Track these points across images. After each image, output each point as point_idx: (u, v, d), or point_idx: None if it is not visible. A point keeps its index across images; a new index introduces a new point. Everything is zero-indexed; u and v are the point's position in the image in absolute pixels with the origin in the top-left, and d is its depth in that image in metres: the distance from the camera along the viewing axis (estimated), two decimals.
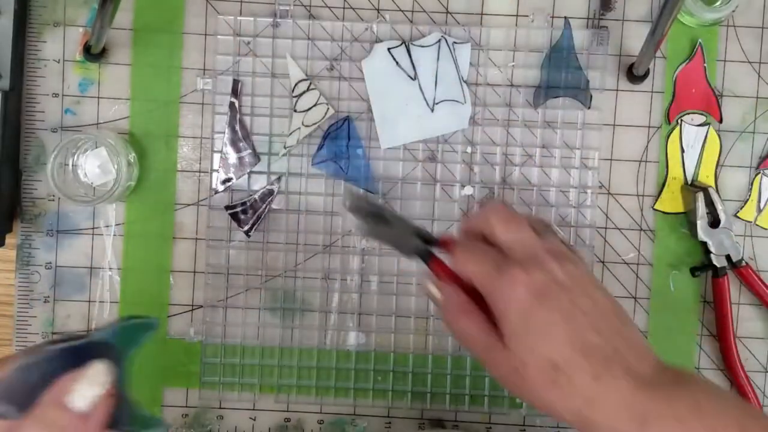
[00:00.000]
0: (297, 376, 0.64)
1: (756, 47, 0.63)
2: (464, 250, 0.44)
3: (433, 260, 0.46)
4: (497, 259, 0.43)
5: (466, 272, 0.44)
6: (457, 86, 0.63)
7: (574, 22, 0.63)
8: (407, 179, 0.64)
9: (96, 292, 0.64)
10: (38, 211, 0.64)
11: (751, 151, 0.64)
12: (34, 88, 0.63)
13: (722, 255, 0.62)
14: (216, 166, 0.64)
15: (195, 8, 0.63)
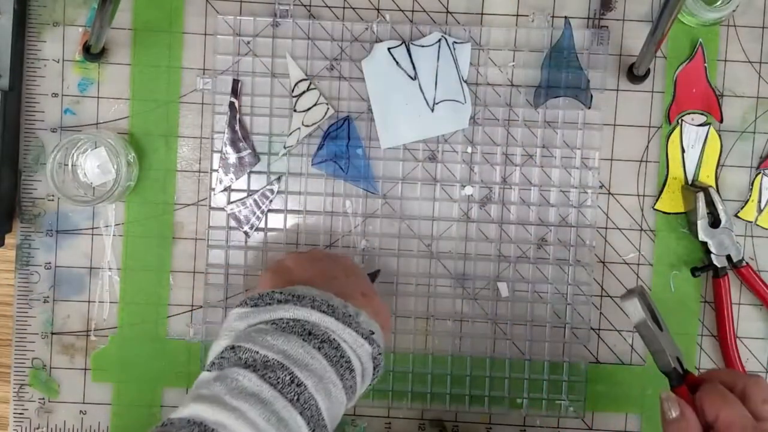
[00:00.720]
0: None
1: (756, 47, 0.63)
2: (720, 394, 0.48)
3: (683, 386, 0.51)
4: (752, 420, 0.47)
5: (714, 412, 0.47)
6: (458, 86, 0.63)
7: (575, 22, 0.63)
8: (407, 179, 0.64)
9: (95, 292, 0.64)
10: (38, 211, 0.64)
11: (752, 151, 0.64)
12: (34, 88, 0.63)
13: (723, 255, 0.62)
14: (216, 166, 0.64)
15: (195, 8, 0.63)
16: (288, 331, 0.45)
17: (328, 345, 0.45)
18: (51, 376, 0.64)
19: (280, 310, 0.47)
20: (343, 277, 0.52)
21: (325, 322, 0.46)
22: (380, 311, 0.52)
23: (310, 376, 0.44)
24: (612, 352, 0.64)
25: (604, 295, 0.64)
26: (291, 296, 0.47)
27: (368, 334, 0.48)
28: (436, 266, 0.64)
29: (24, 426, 0.64)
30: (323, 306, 0.47)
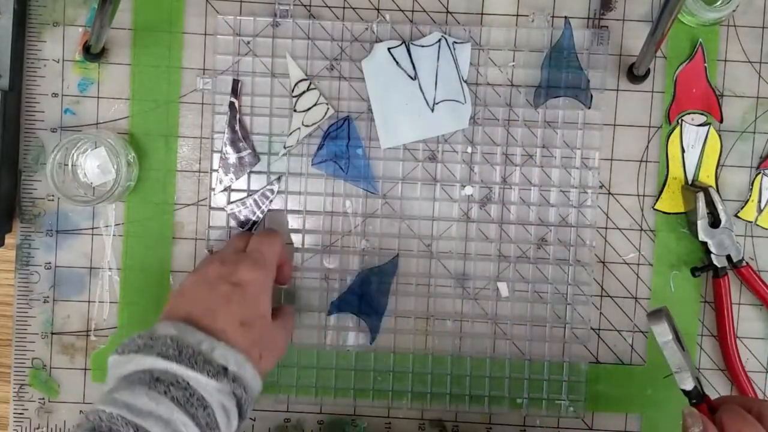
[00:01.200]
0: (297, 376, 0.64)
1: (756, 47, 0.63)
2: (741, 414, 0.50)
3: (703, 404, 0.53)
4: None
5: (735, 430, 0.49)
6: (458, 86, 0.63)
7: (575, 22, 0.63)
8: (407, 179, 0.64)
9: (95, 292, 0.64)
10: (38, 211, 0.64)
11: (752, 151, 0.64)
12: (34, 88, 0.63)
13: (722, 255, 0.62)
14: (216, 166, 0.64)
15: (195, 8, 0.63)
16: (136, 382, 0.48)
17: (176, 387, 0.47)
18: (51, 376, 0.64)
19: (133, 362, 0.49)
20: (221, 307, 0.52)
21: (170, 367, 0.48)
22: (262, 340, 0.53)
23: (155, 423, 0.45)
24: (612, 352, 0.64)
25: (604, 295, 0.64)
26: (148, 341, 0.50)
27: (218, 371, 0.49)
28: (436, 266, 0.64)
29: (24, 426, 0.64)
30: (170, 350, 0.49)
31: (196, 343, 0.50)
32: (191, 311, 0.52)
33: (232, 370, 0.49)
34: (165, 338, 0.49)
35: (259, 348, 0.52)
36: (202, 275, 0.55)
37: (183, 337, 0.50)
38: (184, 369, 0.48)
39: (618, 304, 0.64)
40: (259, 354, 0.52)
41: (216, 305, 0.52)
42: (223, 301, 0.52)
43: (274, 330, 0.56)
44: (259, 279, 0.54)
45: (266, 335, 0.54)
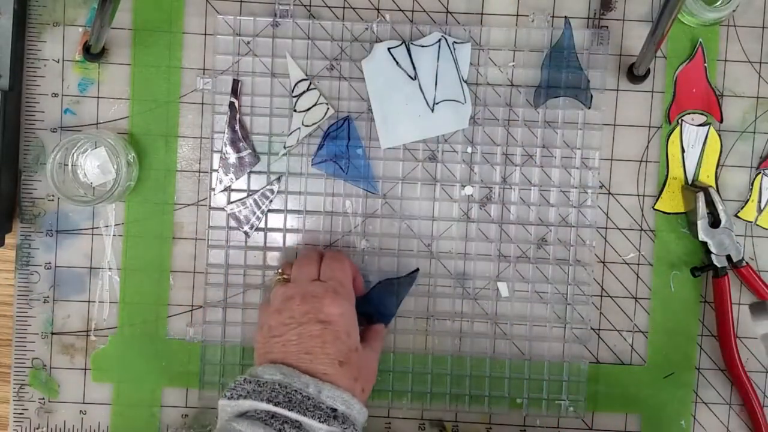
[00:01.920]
0: None
1: (756, 47, 0.63)
2: None
3: None
4: None
5: None
6: (457, 86, 0.63)
7: (575, 22, 0.63)
8: (407, 179, 0.64)
9: (95, 292, 0.64)
10: (38, 211, 0.64)
11: (752, 151, 0.64)
12: (34, 88, 0.63)
13: (723, 255, 0.62)
14: (216, 166, 0.64)
15: (195, 8, 0.63)
16: (254, 418, 0.49)
17: (290, 425, 0.49)
18: (51, 376, 0.64)
19: (244, 406, 0.50)
20: (317, 349, 0.52)
21: (282, 412, 0.49)
22: (360, 374, 0.54)
23: None
24: (612, 352, 0.64)
25: (604, 295, 0.64)
26: (256, 387, 0.50)
27: (328, 415, 0.50)
28: (436, 266, 0.64)
29: (24, 426, 0.64)
30: (279, 396, 0.50)
31: (303, 387, 0.50)
32: (287, 353, 0.53)
33: (341, 411, 0.50)
34: (273, 384, 0.50)
35: (360, 382, 0.53)
36: (286, 314, 0.54)
37: (290, 383, 0.50)
38: (296, 415, 0.49)
39: (618, 304, 0.64)
40: (361, 388, 0.54)
41: (311, 348, 0.52)
42: (317, 342, 0.53)
43: (367, 358, 0.56)
44: (345, 312, 0.54)
45: (363, 367, 0.55)
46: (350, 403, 0.51)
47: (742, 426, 0.64)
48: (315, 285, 0.55)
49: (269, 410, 0.49)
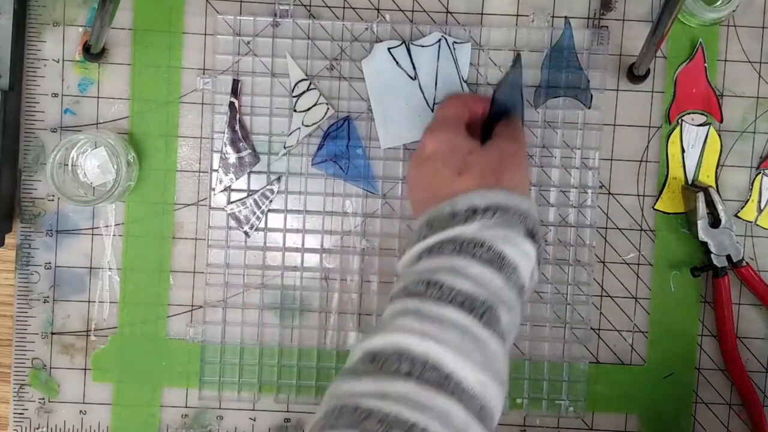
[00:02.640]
0: (297, 376, 0.64)
1: (756, 47, 0.63)
2: None
3: None
4: None
5: None
6: (458, 86, 0.63)
7: (575, 22, 0.63)
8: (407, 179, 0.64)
9: (95, 293, 0.64)
10: (38, 211, 0.64)
11: (752, 151, 0.64)
12: (34, 88, 0.63)
13: (723, 255, 0.62)
14: (216, 166, 0.64)
15: (195, 8, 0.63)
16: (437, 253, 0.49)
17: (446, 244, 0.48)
18: (51, 376, 0.64)
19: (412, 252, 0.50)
20: (436, 178, 0.52)
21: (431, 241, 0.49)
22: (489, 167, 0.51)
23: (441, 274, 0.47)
24: (612, 352, 0.64)
25: (604, 295, 0.64)
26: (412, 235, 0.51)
27: (468, 214, 0.48)
28: None
29: (24, 426, 0.64)
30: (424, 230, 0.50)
31: (440, 213, 0.50)
32: (423, 203, 0.52)
33: (480, 206, 0.48)
34: (421, 224, 0.50)
35: (491, 175, 0.51)
36: (411, 178, 0.56)
37: (430, 215, 0.50)
38: (441, 235, 0.48)
39: (618, 304, 0.64)
40: (495, 178, 0.51)
41: (432, 183, 0.52)
42: (433, 175, 0.52)
43: (490, 152, 0.53)
44: (439, 138, 0.53)
45: (489, 160, 0.52)
46: (485, 194, 0.49)
47: (742, 426, 0.64)
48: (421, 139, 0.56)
49: (423, 247, 0.49)
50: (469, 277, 0.46)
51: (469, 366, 0.43)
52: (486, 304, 0.46)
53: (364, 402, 0.41)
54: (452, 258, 0.47)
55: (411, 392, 0.42)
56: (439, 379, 0.43)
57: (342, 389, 0.43)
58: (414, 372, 0.43)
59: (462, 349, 0.44)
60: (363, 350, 0.45)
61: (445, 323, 0.44)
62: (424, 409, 0.41)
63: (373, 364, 0.44)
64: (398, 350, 0.43)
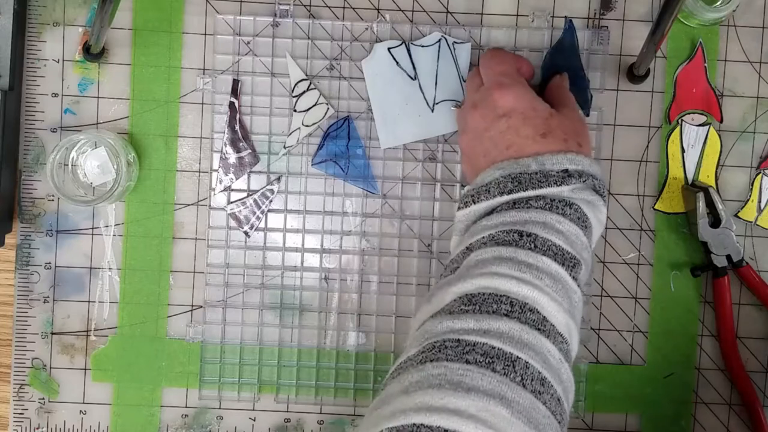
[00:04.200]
0: (297, 376, 0.64)
1: (756, 47, 0.63)
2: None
3: None
4: None
5: None
6: (457, 86, 0.63)
7: (575, 22, 0.63)
8: (407, 179, 0.64)
9: (95, 293, 0.64)
10: (38, 211, 0.64)
11: (752, 151, 0.64)
12: (34, 88, 0.63)
13: (723, 255, 0.62)
14: (216, 166, 0.64)
15: (195, 8, 0.63)
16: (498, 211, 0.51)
17: (535, 200, 0.50)
18: (51, 376, 0.64)
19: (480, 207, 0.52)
20: (516, 137, 0.53)
21: (520, 195, 0.51)
22: (568, 133, 0.53)
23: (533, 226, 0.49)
24: (612, 352, 0.64)
25: (604, 295, 0.64)
26: (479, 188, 0.52)
27: (562, 176, 0.51)
28: (436, 266, 0.64)
29: (24, 426, 0.64)
30: (509, 185, 0.51)
31: (524, 168, 0.51)
32: (492, 159, 0.53)
33: (572, 169, 0.51)
34: (496, 180, 0.51)
35: (571, 140, 0.53)
36: (471, 129, 0.56)
37: (511, 171, 0.51)
38: (533, 191, 0.50)
39: (618, 304, 0.64)
40: (577, 143, 0.53)
41: (509, 141, 0.53)
42: (511, 133, 0.53)
43: (566, 117, 0.55)
44: (518, 94, 0.54)
45: (567, 126, 0.54)
46: (575, 159, 0.51)
47: (742, 426, 0.64)
48: (481, 90, 0.56)
49: (507, 200, 0.51)
50: (561, 233, 0.49)
51: (561, 311, 0.46)
52: (575, 259, 0.49)
53: (466, 337, 0.44)
54: (543, 213, 0.49)
55: (512, 330, 0.44)
56: (537, 321, 0.45)
57: (439, 327, 0.45)
58: (513, 313, 0.45)
59: (556, 296, 0.47)
60: (456, 293, 0.47)
61: (541, 271, 0.47)
62: (524, 346, 0.44)
63: (471, 305, 0.46)
64: (496, 292, 0.46)
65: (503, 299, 0.46)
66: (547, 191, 0.50)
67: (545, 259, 0.48)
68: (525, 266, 0.47)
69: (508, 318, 0.45)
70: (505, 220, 0.50)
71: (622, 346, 0.64)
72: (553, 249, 0.48)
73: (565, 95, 0.58)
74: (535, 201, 0.50)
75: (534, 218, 0.49)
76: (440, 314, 0.47)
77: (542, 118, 0.53)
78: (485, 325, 0.44)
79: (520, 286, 0.46)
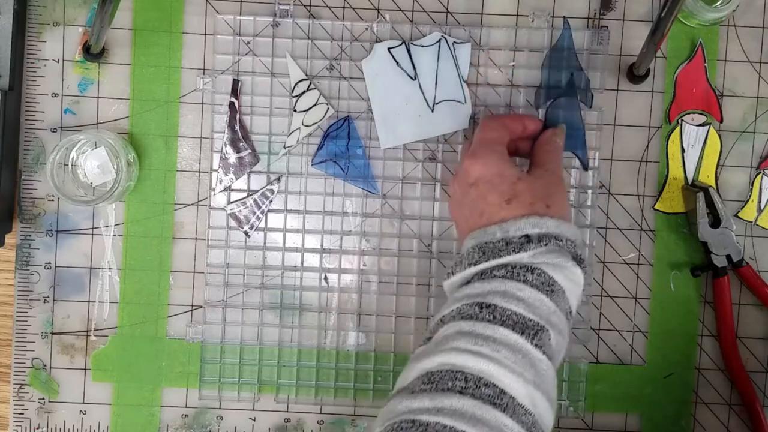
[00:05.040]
0: (297, 376, 0.64)
1: (756, 47, 0.63)
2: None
3: None
4: None
5: None
6: (457, 86, 0.63)
7: (575, 22, 0.63)
8: (407, 179, 0.64)
9: (95, 292, 0.64)
10: (38, 211, 0.64)
11: (752, 151, 0.64)
12: (34, 88, 0.63)
13: (723, 255, 0.62)
14: (216, 166, 0.64)
15: (195, 8, 0.63)
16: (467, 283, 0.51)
17: (497, 269, 0.50)
18: (51, 376, 0.64)
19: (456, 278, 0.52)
20: (484, 205, 0.53)
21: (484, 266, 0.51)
22: (535, 196, 0.52)
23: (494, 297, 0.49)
24: (612, 352, 0.64)
25: (604, 295, 0.64)
26: (459, 260, 0.52)
27: (522, 242, 0.50)
28: (436, 266, 0.64)
29: (24, 426, 0.64)
30: (476, 256, 0.51)
31: (491, 237, 0.51)
32: (470, 226, 0.54)
33: (534, 233, 0.50)
34: (470, 251, 0.52)
35: (539, 202, 0.52)
36: (455, 201, 0.56)
37: (480, 240, 0.52)
38: (495, 261, 0.50)
39: (618, 304, 0.64)
40: (545, 205, 0.52)
41: (480, 208, 0.53)
42: (480, 201, 0.53)
43: (537, 178, 0.55)
44: (485, 162, 0.54)
45: (536, 188, 0.53)
46: (538, 222, 0.51)
47: (742, 426, 0.64)
48: (460, 163, 0.56)
49: (474, 271, 0.51)
50: (521, 300, 0.48)
51: (521, 383, 0.45)
52: (537, 326, 0.48)
53: (420, 417, 0.43)
54: (504, 282, 0.49)
55: (466, 406, 0.44)
56: (493, 395, 0.44)
57: (399, 407, 0.45)
58: (468, 389, 0.44)
59: (515, 367, 0.46)
60: (420, 370, 0.47)
61: (499, 342, 0.46)
62: (478, 422, 0.43)
63: (430, 383, 0.45)
64: (452, 369, 0.45)
65: (458, 375, 0.45)
66: (508, 259, 0.50)
67: (503, 330, 0.47)
68: (482, 339, 0.46)
69: (461, 395, 0.44)
70: (470, 293, 0.50)
71: (622, 346, 0.64)
72: (513, 318, 0.47)
73: (547, 155, 0.57)
74: (498, 270, 0.50)
75: (495, 288, 0.49)
76: (403, 392, 0.47)
77: (509, 184, 0.53)
78: (439, 404, 0.44)
79: (476, 360, 0.45)
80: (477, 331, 0.47)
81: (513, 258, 0.50)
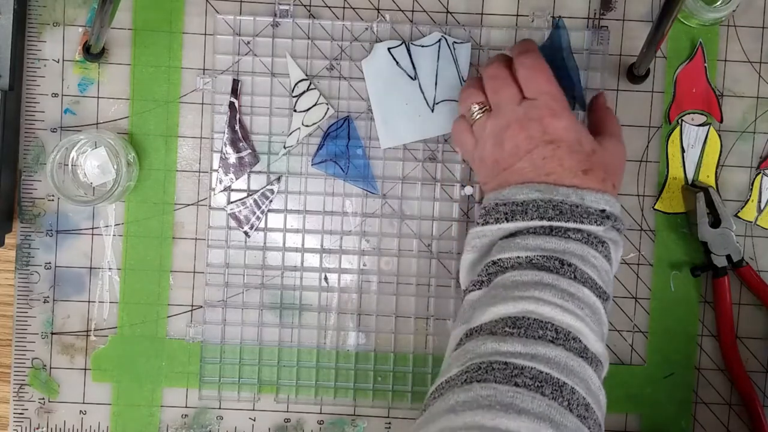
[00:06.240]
0: (297, 376, 0.64)
1: (756, 47, 0.63)
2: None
3: None
4: None
5: None
6: (458, 86, 0.63)
7: (575, 22, 0.63)
8: (407, 179, 0.64)
9: (95, 293, 0.64)
10: (38, 211, 0.64)
11: (752, 151, 0.64)
12: (34, 88, 0.63)
13: (723, 255, 0.62)
14: (216, 166, 0.64)
15: (195, 8, 0.63)
16: (534, 233, 0.51)
17: (573, 232, 0.51)
18: (51, 376, 0.64)
19: (511, 226, 0.52)
20: (559, 169, 0.52)
21: (560, 225, 0.51)
22: (607, 172, 0.53)
23: (572, 257, 0.50)
24: (612, 352, 0.64)
25: None
26: (514, 207, 0.52)
27: (601, 216, 0.51)
28: (436, 266, 0.64)
29: (24, 426, 0.64)
30: (549, 211, 0.51)
31: (564, 197, 0.51)
32: (531, 178, 0.53)
33: (608, 211, 0.52)
34: (533, 202, 0.51)
35: (609, 180, 0.53)
36: (510, 144, 0.53)
37: (551, 197, 0.51)
38: (574, 224, 0.51)
39: (618, 304, 0.64)
40: (612, 184, 0.53)
41: (551, 169, 0.52)
42: (554, 162, 0.52)
43: (608, 152, 0.55)
44: (568, 123, 0.53)
45: (607, 164, 0.54)
46: (611, 201, 0.52)
47: (742, 426, 0.64)
48: (527, 107, 0.53)
49: (544, 225, 0.51)
50: (595, 267, 0.50)
51: (598, 341, 0.48)
52: (605, 294, 0.51)
53: (513, 360, 0.45)
54: (581, 246, 0.51)
55: (559, 356, 0.46)
56: (579, 349, 0.47)
57: (484, 348, 0.47)
58: (558, 340, 0.47)
59: (594, 326, 0.48)
60: (497, 314, 0.48)
61: (582, 301, 0.49)
62: (570, 372, 0.45)
63: (516, 328, 0.47)
64: (540, 318, 0.47)
65: (548, 326, 0.47)
66: (586, 227, 0.51)
67: (585, 290, 0.49)
68: (567, 295, 0.48)
69: (553, 344, 0.46)
70: (544, 246, 0.50)
71: (622, 346, 0.64)
72: (590, 282, 0.50)
73: (612, 121, 0.58)
74: (573, 233, 0.51)
75: (573, 249, 0.50)
76: (482, 334, 0.48)
77: (586, 153, 0.53)
78: (532, 350, 0.46)
79: (564, 314, 0.47)
80: (561, 286, 0.48)
81: (591, 227, 0.51)
